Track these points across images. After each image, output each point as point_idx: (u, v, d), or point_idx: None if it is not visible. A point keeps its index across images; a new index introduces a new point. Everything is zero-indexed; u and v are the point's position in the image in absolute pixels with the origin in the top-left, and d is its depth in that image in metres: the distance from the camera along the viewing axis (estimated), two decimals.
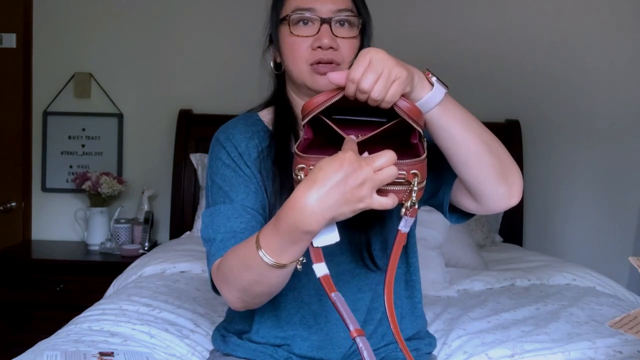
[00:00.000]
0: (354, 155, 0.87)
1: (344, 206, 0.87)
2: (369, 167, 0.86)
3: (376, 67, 0.91)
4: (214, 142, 1.22)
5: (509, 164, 1.07)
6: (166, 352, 1.42)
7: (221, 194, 1.15)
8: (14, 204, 3.00)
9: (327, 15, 1.13)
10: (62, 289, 2.63)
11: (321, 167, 0.87)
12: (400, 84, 0.92)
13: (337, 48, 1.13)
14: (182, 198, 2.92)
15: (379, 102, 0.93)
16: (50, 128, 3.02)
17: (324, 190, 0.86)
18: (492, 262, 2.40)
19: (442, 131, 1.02)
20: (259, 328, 1.21)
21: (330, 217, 0.87)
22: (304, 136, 1.00)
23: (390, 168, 0.88)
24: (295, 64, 1.15)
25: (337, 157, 0.87)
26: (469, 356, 1.46)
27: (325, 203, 0.86)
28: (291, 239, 0.91)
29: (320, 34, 1.13)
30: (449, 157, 1.06)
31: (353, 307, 1.19)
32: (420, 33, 2.97)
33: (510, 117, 2.96)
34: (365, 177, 0.86)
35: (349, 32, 1.15)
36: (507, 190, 1.06)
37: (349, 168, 0.86)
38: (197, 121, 2.95)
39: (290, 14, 1.15)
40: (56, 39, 3.02)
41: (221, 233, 1.10)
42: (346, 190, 0.86)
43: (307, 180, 0.88)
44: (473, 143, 1.02)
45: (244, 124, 1.23)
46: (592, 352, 1.41)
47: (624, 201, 3.00)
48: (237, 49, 2.92)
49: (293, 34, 1.15)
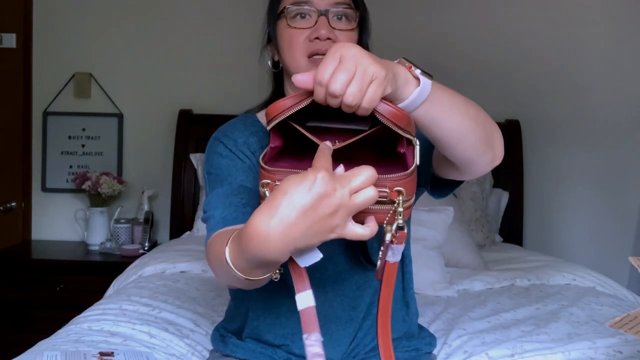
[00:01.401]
0: (326, 175, 0.71)
1: (312, 238, 0.74)
2: (343, 190, 0.72)
3: (348, 65, 0.76)
4: (210, 140, 1.21)
5: (493, 130, 0.99)
6: (166, 352, 1.42)
7: (218, 180, 1.12)
8: (14, 204, 3.00)
9: (324, 7, 1.14)
10: (62, 289, 2.63)
11: (286, 190, 0.72)
12: (379, 85, 0.77)
13: (334, 39, 1.13)
14: (182, 198, 2.93)
15: (355, 108, 0.78)
16: (50, 128, 3.02)
17: (289, 221, 0.72)
18: (492, 262, 2.40)
19: (429, 123, 0.90)
20: (258, 328, 1.21)
21: (295, 249, 0.75)
22: (270, 145, 0.86)
23: (369, 190, 0.73)
24: (293, 57, 1.15)
25: (306, 178, 0.71)
26: (469, 356, 1.46)
27: (289, 236, 0.72)
28: (257, 264, 0.80)
29: (317, 25, 1.13)
30: (437, 144, 0.96)
31: (353, 304, 1.19)
32: (419, 33, 2.97)
33: (510, 117, 2.96)
34: (340, 203, 0.71)
35: (346, 24, 1.15)
36: (492, 155, 0.99)
37: (320, 193, 0.71)
38: (197, 121, 2.95)
39: (288, 7, 1.15)
40: (56, 39, 3.02)
41: (220, 209, 1.04)
42: (315, 221, 0.72)
43: (270, 204, 0.73)
44: (463, 125, 0.93)
45: (242, 124, 1.22)
46: (592, 352, 1.41)
47: (624, 201, 3.00)
48: (237, 49, 2.92)
49: (290, 26, 1.14)
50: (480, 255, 2.40)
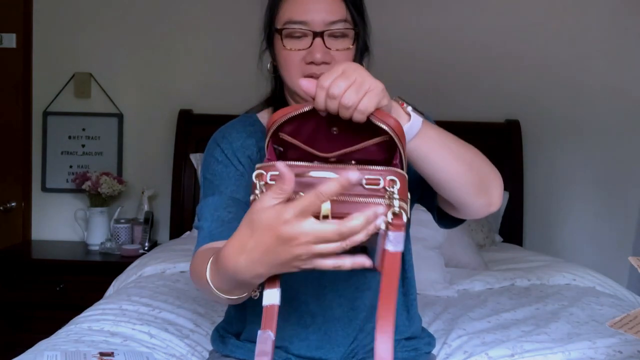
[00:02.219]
0: (294, 222, 0.75)
1: (279, 269, 0.81)
2: (308, 239, 0.76)
3: (349, 75, 0.84)
4: (209, 142, 1.22)
5: (490, 176, 1.05)
6: (166, 352, 1.42)
7: (211, 187, 1.16)
8: (14, 204, 3.00)
9: (320, 28, 1.10)
10: (62, 289, 2.63)
11: (252, 233, 0.79)
12: (375, 95, 0.83)
13: (330, 61, 1.10)
14: (182, 198, 2.93)
15: (351, 111, 0.83)
16: (50, 128, 3.02)
17: (252, 259, 0.80)
18: (492, 262, 2.40)
19: (421, 160, 0.97)
20: (256, 330, 1.21)
21: (264, 278, 0.84)
22: (267, 156, 0.89)
23: (333, 245, 0.76)
24: (290, 76, 1.14)
25: (272, 222, 0.77)
26: (469, 356, 1.46)
27: (255, 271, 0.81)
28: (234, 286, 0.88)
29: (312, 47, 1.10)
30: (429, 181, 1.02)
31: (352, 305, 1.19)
32: (419, 32, 2.97)
33: (510, 117, 2.96)
34: (302, 252, 0.77)
35: (342, 43, 1.12)
36: (487, 200, 1.05)
37: (285, 239, 0.76)
38: (197, 121, 2.95)
39: (282, 28, 1.12)
40: (56, 39, 3.02)
41: (208, 222, 1.10)
42: (280, 262, 0.79)
43: (240, 240, 0.81)
44: (453, 166, 0.99)
45: (241, 125, 1.23)
46: (592, 352, 1.41)
47: (624, 201, 3.00)
48: (237, 49, 2.91)
49: (286, 47, 1.12)
50: (480, 255, 2.40)
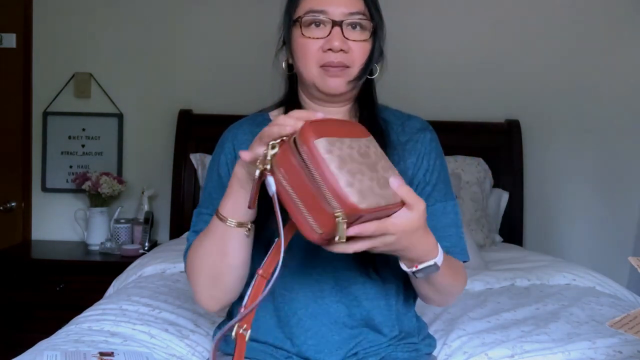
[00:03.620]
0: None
1: None
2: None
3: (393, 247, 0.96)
4: (219, 141, 1.26)
5: (459, 291, 1.20)
6: (166, 352, 1.42)
7: (206, 195, 1.23)
8: (14, 204, 3.00)
9: (339, 17, 1.13)
10: (62, 289, 2.63)
11: None
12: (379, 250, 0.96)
13: (347, 51, 1.14)
14: (182, 198, 2.92)
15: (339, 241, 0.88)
16: (50, 128, 3.02)
17: None
18: (492, 262, 2.40)
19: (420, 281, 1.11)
20: (258, 329, 1.21)
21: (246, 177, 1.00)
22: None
23: None
24: (306, 65, 1.16)
25: None
26: (469, 356, 1.46)
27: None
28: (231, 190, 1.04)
29: (331, 36, 1.13)
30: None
31: (349, 312, 1.19)
32: (419, 32, 2.97)
33: (510, 117, 2.96)
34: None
35: (360, 35, 1.16)
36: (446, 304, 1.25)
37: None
38: (197, 121, 2.95)
39: (303, 16, 1.15)
40: (56, 39, 3.02)
41: (193, 236, 1.19)
42: None
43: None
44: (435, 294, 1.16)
45: (250, 124, 1.24)
46: (592, 352, 1.41)
47: (624, 201, 3.00)
48: (238, 49, 2.92)
49: (304, 35, 1.15)
50: (480, 255, 2.40)
